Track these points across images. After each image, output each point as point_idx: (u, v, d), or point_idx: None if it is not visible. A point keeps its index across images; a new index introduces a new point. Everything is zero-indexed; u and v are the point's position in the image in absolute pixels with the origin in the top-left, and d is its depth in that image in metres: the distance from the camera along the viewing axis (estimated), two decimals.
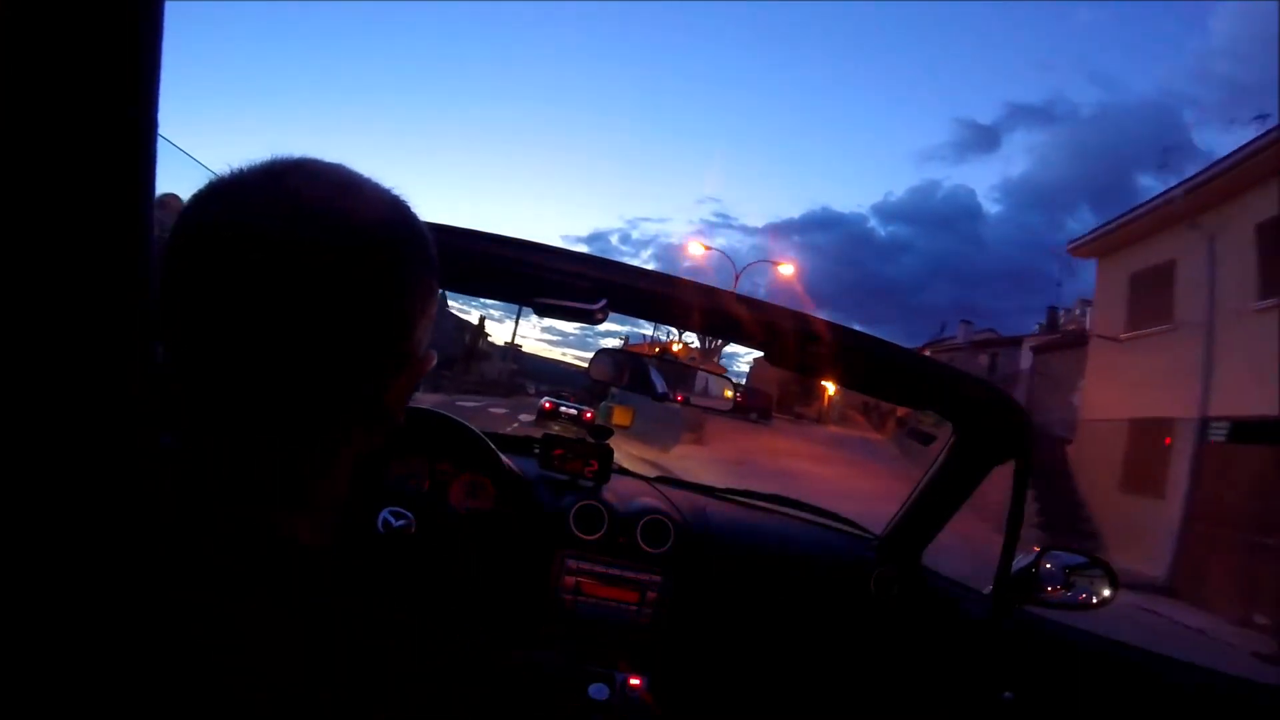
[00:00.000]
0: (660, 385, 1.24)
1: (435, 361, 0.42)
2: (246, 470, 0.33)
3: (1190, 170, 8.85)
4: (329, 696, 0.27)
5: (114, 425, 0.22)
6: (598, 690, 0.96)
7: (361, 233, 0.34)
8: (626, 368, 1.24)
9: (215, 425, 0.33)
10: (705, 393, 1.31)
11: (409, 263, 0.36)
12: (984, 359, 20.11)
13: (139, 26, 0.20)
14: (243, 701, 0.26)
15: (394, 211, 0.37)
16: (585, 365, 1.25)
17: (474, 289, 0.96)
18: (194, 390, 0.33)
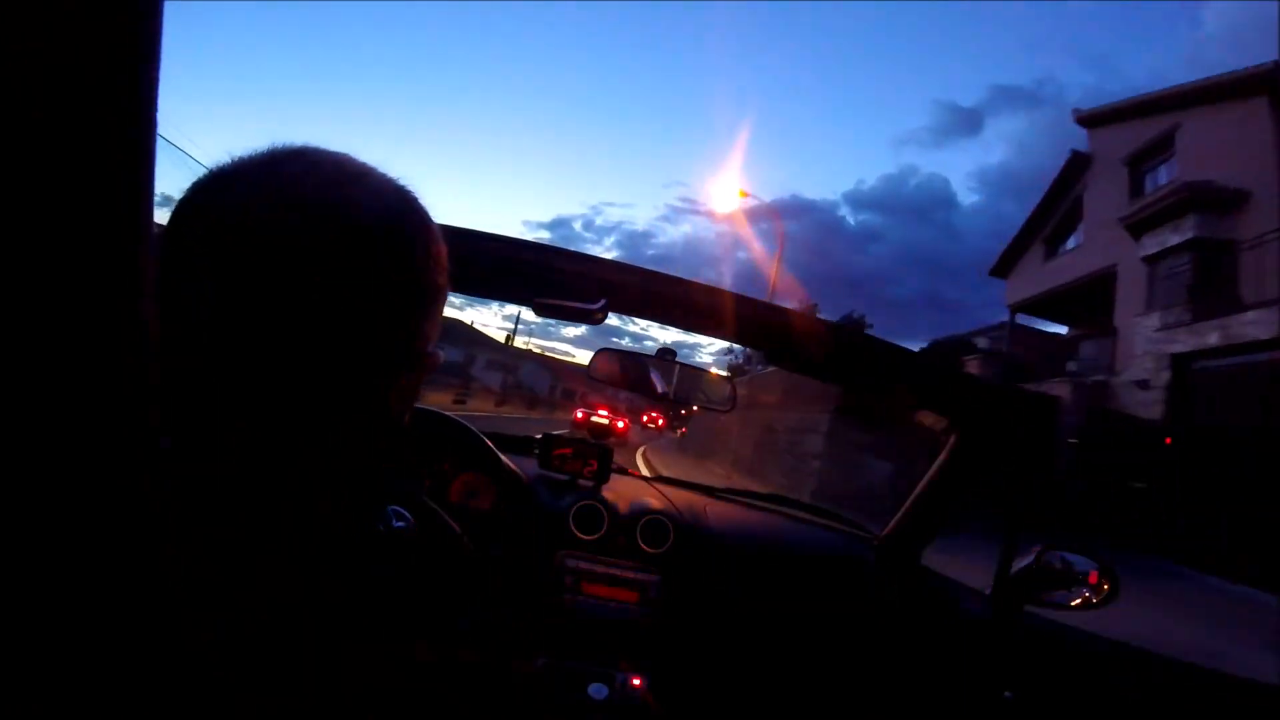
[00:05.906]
0: (660, 385, 1.24)
1: (442, 361, 0.40)
2: (244, 470, 0.32)
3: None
4: (337, 694, 0.27)
5: (113, 427, 0.22)
6: (597, 690, 0.96)
7: (362, 224, 0.32)
8: (627, 368, 1.24)
9: (211, 421, 0.32)
10: (704, 391, 1.32)
11: (412, 257, 0.35)
12: None
13: (138, 23, 0.19)
14: (248, 703, 0.26)
15: (398, 203, 0.35)
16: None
17: (473, 289, 0.96)
18: (187, 383, 0.31)
